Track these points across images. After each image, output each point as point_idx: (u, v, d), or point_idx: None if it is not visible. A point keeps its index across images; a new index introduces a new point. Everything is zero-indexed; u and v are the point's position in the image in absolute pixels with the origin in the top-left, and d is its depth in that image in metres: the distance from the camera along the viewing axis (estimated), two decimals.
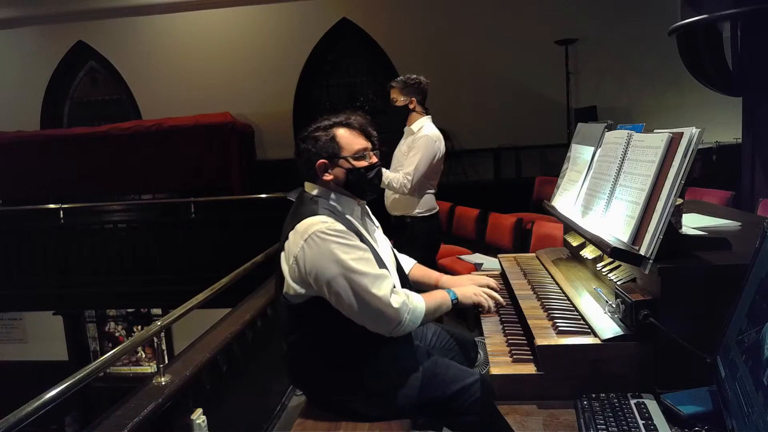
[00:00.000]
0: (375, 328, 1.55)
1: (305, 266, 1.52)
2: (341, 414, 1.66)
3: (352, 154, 1.64)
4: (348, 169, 1.63)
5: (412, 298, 1.60)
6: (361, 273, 1.50)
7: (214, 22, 7.57)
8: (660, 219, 1.24)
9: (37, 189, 7.14)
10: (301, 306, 1.59)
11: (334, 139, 1.64)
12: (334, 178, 1.64)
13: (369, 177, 1.66)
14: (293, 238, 1.55)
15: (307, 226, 1.53)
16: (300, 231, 1.53)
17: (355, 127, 1.67)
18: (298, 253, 1.53)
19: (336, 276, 1.49)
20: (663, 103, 6.61)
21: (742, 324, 1.02)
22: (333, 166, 1.64)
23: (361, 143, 1.66)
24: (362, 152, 1.65)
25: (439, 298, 1.70)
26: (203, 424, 1.98)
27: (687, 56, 3.85)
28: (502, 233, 4.27)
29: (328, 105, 7.75)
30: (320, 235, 1.50)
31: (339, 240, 1.51)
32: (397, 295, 1.54)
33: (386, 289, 1.52)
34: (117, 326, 7.93)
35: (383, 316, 1.52)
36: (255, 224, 5.72)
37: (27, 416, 1.41)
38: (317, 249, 1.50)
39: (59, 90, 8.17)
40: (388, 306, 1.51)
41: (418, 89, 3.08)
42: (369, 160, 1.67)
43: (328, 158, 1.63)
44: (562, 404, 1.27)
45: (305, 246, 1.51)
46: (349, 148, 1.64)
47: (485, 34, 6.99)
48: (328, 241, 1.50)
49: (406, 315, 1.55)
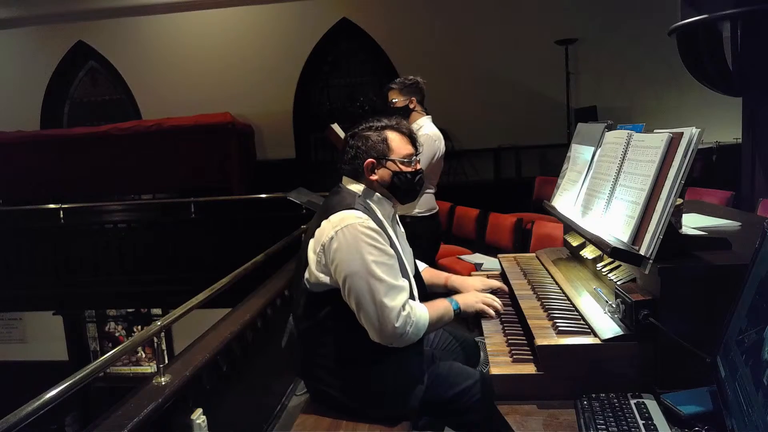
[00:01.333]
0: (374, 336, 1.55)
1: (331, 255, 1.54)
2: (341, 410, 1.66)
3: (401, 158, 1.68)
4: (395, 172, 1.67)
5: (416, 310, 1.60)
6: (379, 279, 1.52)
7: (214, 22, 7.58)
8: (660, 219, 1.24)
9: (37, 189, 7.15)
10: (321, 295, 1.61)
11: (386, 141, 1.68)
12: (380, 179, 1.67)
13: (414, 181, 1.70)
14: (325, 227, 1.57)
15: (342, 218, 1.55)
16: (333, 221, 1.56)
17: (405, 133, 1.72)
18: (326, 242, 1.55)
19: (356, 273, 1.51)
20: (663, 103, 6.61)
21: (742, 324, 1.02)
22: (380, 166, 1.67)
23: (409, 149, 1.70)
24: (410, 157, 1.69)
25: (442, 309, 1.70)
26: (203, 424, 1.98)
27: (687, 56, 3.85)
28: (502, 233, 4.26)
29: (328, 105, 7.76)
30: (352, 230, 1.53)
31: (369, 240, 1.53)
32: (404, 310, 1.55)
33: (399, 302, 1.54)
34: (117, 326, 7.93)
35: (382, 328, 1.52)
36: (255, 224, 5.73)
37: (27, 416, 1.41)
38: (346, 242, 1.52)
39: (59, 90, 8.18)
40: (391, 320, 1.52)
41: (417, 89, 3.08)
42: (414, 166, 1.71)
43: (377, 158, 1.66)
44: (562, 404, 1.27)
45: (335, 236, 1.54)
46: (398, 152, 1.68)
47: (485, 35, 7.00)
48: (358, 238, 1.52)
49: (408, 328, 1.55)
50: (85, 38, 7.90)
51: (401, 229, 1.86)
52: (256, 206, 5.97)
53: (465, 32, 7.05)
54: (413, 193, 1.73)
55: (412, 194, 1.73)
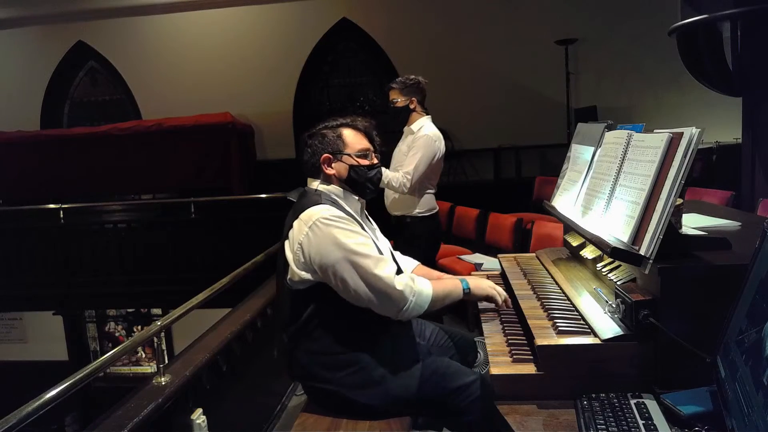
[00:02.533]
0: (381, 310, 1.58)
1: (310, 252, 1.57)
2: (340, 407, 1.66)
3: (356, 152, 1.73)
4: (351, 166, 1.73)
5: (418, 282, 1.62)
6: (363, 255, 1.55)
7: (214, 22, 7.57)
8: (660, 219, 1.24)
9: (37, 189, 7.14)
10: (305, 291, 1.63)
11: (341, 136, 1.74)
12: (337, 173, 1.73)
13: (370, 175, 1.75)
14: (298, 226, 1.61)
15: (311, 214, 1.59)
16: (304, 219, 1.60)
17: (360, 129, 1.79)
18: (302, 240, 1.58)
19: (339, 260, 1.54)
20: (663, 103, 6.61)
21: (742, 324, 1.02)
22: (336, 160, 1.73)
23: (364, 144, 1.77)
24: (365, 152, 1.75)
25: (450, 286, 1.73)
26: (203, 424, 1.98)
27: (687, 56, 3.85)
28: (502, 233, 4.26)
29: (328, 105, 7.75)
30: (323, 221, 1.57)
31: (341, 225, 1.57)
32: (399, 277, 1.59)
33: (390, 270, 1.57)
34: (117, 326, 7.93)
35: (388, 297, 1.56)
36: (255, 224, 5.73)
37: (27, 416, 1.41)
38: (321, 234, 1.56)
39: (59, 90, 8.17)
40: (393, 287, 1.55)
41: (418, 89, 3.08)
42: (371, 159, 1.76)
43: (333, 153, 1.72)
44: (562, 404, 1.27)
45: (309, 233, 1.57)
46: (353, 147, 1.74)
47: (485, 34, 7.00)
48: (330, 226, 1.56)
49: (411, 297, 1.58)
50: (85, 38, 7.89)
51: (374, 224, 1.90)
52: (256, 206, 5.96)
53: (465, 32, 7.04)
54: (372, 185, 1.77)
55: (370, 187, 1.77)
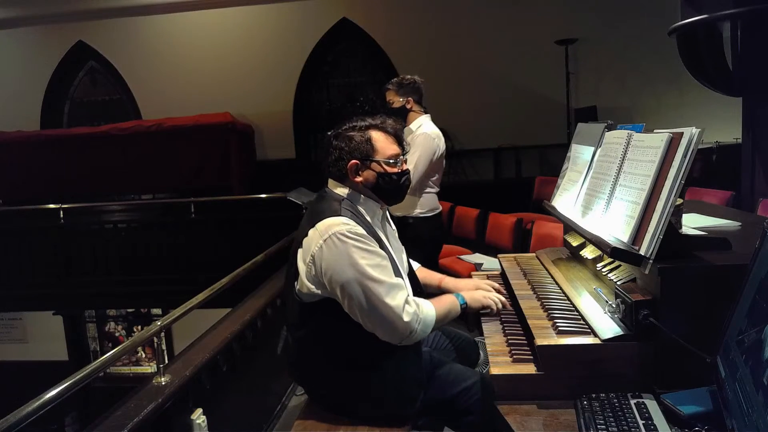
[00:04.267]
0: (384, 337, 1.54)
1: (322, 266, 1.51)
2: (341, 413, 1.65)
3: (386, 159, 1.63)
4: (380, 173, 1.63)
5: (423, 307, 1.58)
6: (376, 281, 1.49)
7: (214, 22, 7.57)
8: (660, 219, 1.24)
9: (37, 189, 7.13)
10: (314, 305, 1.58)
11: (370, 141, 1.63)
12: (364, 181, 1.63)
13: (399, 183, 1.66)
14: (312, 236, 1.53)
15: (328, 225, 1.51)
16: (320, 230, 1.52)
17: (390, 133, 1.67)
18: (315, 252, 1.51)
19: (351, 280, 1.48)
20: (663, 103, 6.61)
21: (742, 324, 1.02)
22: (365, 168, 1.63)
23: (394, 149, 1.66)
24: (395, 158, 1.65)
25: (448, 304, 1.69)
26: (203, 424, 1.98)
27: (687, 56, 3.84)
28: (502, 233, 4.26)
29: (328, 105, 7.75)
30: (340, 237, 1.49)
31: (359, 244, 1.50)
32: (409, 306, 1.53)
33: (400, 299, 1.51)
34: (117, 326, 7.93)
35: (393, 327, 1.51)
36: (255, 224, 5.73)
37: (27, 416, 1.41)
38: (336, 250, 1.49)
39: (59, 90, 8.16)
40: (399, 318, 1.50)
41: (414, 88, 3.07)
42: (400, 166, 1.66)
43: (361, 159, 1.62)
44: (562, 404, 1.27)
45: (324, 246, 1.50)
46: (383, 153, 1.63)
47: (485, 34, 6.99)
48: (347, 243, 1.49)
49: (416, 325, 1.54)
50: (85, 38, 7.89)
51: (392, 227, 1.84)
52: (256, 206, 5.96)
53: (465, 32, 7.04)
54: (399, 194, 1.69)
55: (397, 195, 1.69)
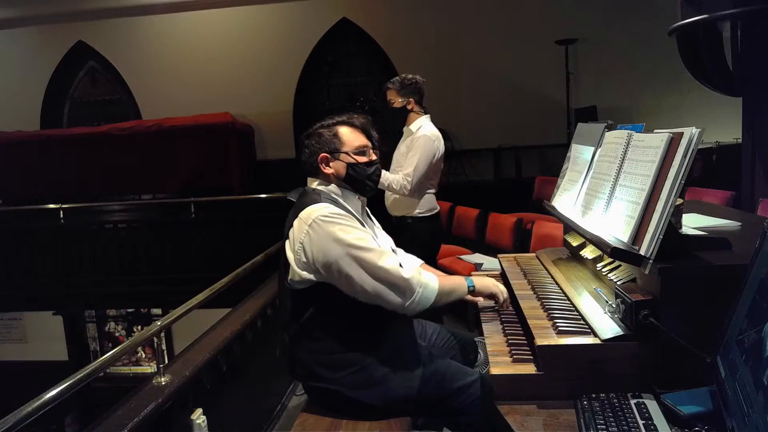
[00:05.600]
0: (389, 304, 1.57)
1: (311, 251, 1.56)
2: (340, 406, 1.66)
3: (353, 150, 1.72)
4: (348, 164, 1.71)
5: (424, 275, 1.63)
6: (365, 248, 1.55)
7: (214, 22, 7.57)
8: (660, 219, 1.24)
9: (37, 189, 7.14)
10: (305, 291, 1.62)
11: (337, 135, 1.73)
12: (335, 172, 1.72)
13: (368, 172, 1.73)
14: (298, 225, 1.60)
15: (310, 212, 1.59)
16: (303, 218, 1.59)
17: (357, 126, 1.77)
18: (303, 239, 1.57)
19: (341, 256, 1.54)
20: (663, 103, 6.61)
21: (742, 324, 1.02)
22: (334, 159, 1.71)
23: (361, 140, 1.75)
24: (363, 149, 1.74)
25: (456, 282, 1.74)
26: (203, 424, 1.98)
27: (687, 56, 3.84)
28: (502, 233, 4.26)
29: (328, 105, 7.75)
30: (323, 219, 1.56)
31: (339, 221, 1.57)
32: (404, 269, 1.59)
33: (394, 261, 1.58)
34: (117, 326, 7.93)
35: (396, 287, 1.56)
36: (255, 224, 5.73)
37: (27, 416, 1.41)
38: (321, 232, 1.55)
39: (59, 90, 8.17)
40: (399, 277, 1.56)
41: (415, 89, 3.06)
42: (369, 156, 1.75)
43: (330, 152, 1.71)
44: (562, 404, 1.27)
45: (310, 231, 1.56)
46: (350, 144, 1.73)
47: (485, 34, 6.99)
48: (329, 223, 1.56)
49: (418, 288, 1.59)
50: (85, 38, 7.89)
51: (375, 222, 1.90)
52: (256, 206, 5.97)
53: (465, 32, 7.04)
54: (371, 182, 1.76)
55: (369, 184, 1.76)
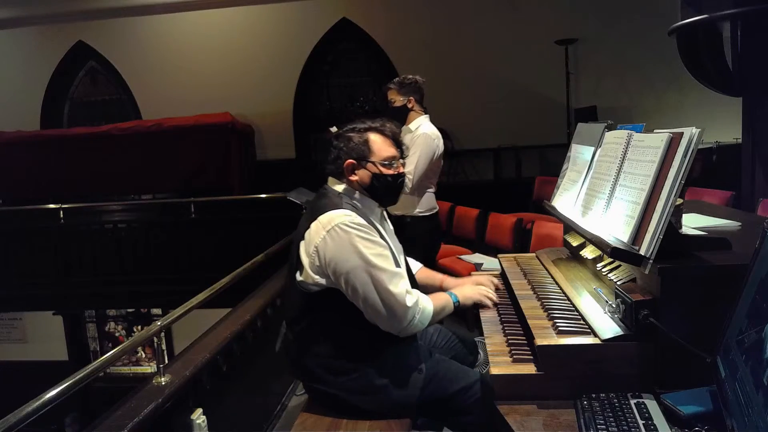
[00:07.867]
0: (385, 326, 1.58)
1: (325, 257, 1.55)
2: (340, 409, 1.66)
3: (381, 160, 1.68)
4: (374, 174, 1.68)
5: (422, 300, 1.63)
6: (380, 269, 1.54)
7: (214, 22, 7.57)
8: (660, 219, 1.24)
9: (37, 189, 7.13)
10: (317, 295, 1.62)
11: (367, 142, 1.69)
12: (359, 180, 1.69)
13: (393, 185, 1.71)
14: (315, 228, 1.58)
15: (331, 218, 1.57)
16: (323, 222, 1.57)
17: (388, 135, 1.72)
18: (319, 244, 1.56)
19: (356, 268, 1.53)
20: (663, 103, 6.61)
21: (742, 324, 1.02)
22: (360, 167, 1.68)
23: (391, 151, 1.70)
24: (391, 160, 1.69)
25: (443, 301, 1.73)
26: (203, 424, 1.98)
27: (687, 56, 3.84)
28: (502, 233, 4.26)
29: (328, 105, 7.75)
30: (343, 227, 1.54)
31: (361, 234, 1.55)
32: (410, 295, 1.58)
33: (402, 287, 1.57)
34: (117, 326, 7.93)
35: (395, 314, 1.56)
36: (255, 224, 5.73)
37: (27, 416, 1.41)
38: (339, 240, 1.54)
39: (59, 90, 8.17)
40: (402, 305, 1.55)
41: (415, 88, 3.07)
42: (396, 168, 1.71)
43: (357, 159, 1.68)
44: (562, 404, 1.27)
45: (327, 237, 1.55)
46: (378, 154, 1.69)
47: (485, 34, 6.99)
48: (350, 233, 1.54)
49: (416, 315, 1.58)
50: (85, 38, 7.89)
51: (390, 226, 1.89)
52: (256, 206, 5.96)
53: (465, 32, 7.04)
54: (393, 195, 1.74)
55: (392, 197, 1.74)
